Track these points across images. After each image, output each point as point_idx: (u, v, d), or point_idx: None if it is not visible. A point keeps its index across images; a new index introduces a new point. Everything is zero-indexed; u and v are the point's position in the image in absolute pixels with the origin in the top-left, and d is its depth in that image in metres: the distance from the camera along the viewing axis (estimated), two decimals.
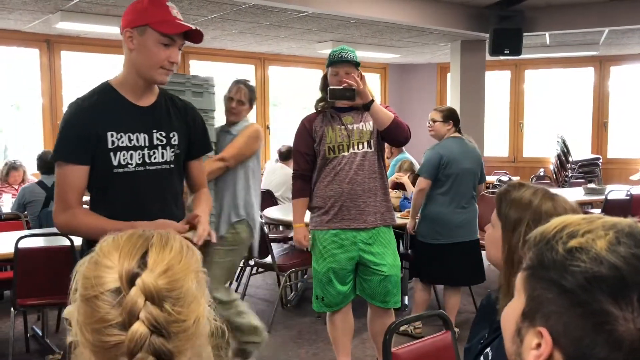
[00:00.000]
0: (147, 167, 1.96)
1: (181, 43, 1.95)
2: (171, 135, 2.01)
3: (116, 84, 1.97)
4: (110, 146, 1.90)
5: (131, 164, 1.93)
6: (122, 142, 1.91)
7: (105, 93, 1.96)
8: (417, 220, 3.96)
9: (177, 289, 0.87)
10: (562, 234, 0.71)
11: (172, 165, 2.02)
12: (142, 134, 1.95)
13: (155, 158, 1.97)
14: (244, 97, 3.45)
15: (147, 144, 1.95)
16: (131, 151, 1.93)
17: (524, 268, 0.75)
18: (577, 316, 0.66)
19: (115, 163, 1.90)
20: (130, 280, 0.85)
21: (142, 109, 1.97)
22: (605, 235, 0.68)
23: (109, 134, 1.90)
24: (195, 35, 1.94)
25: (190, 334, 0.87)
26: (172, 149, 2.01)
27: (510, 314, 0.77)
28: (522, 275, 0.75)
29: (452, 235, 3.86)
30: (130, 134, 1.93)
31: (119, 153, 1.91)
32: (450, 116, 3.98)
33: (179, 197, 2.10)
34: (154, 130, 1.98)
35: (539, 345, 0.70)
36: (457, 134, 3.97)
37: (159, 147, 1.98)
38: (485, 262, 3.67)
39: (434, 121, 3.99)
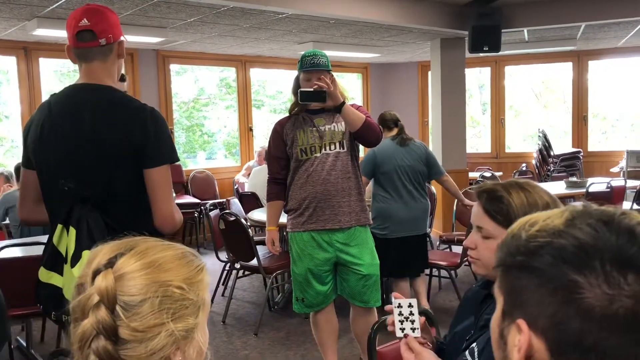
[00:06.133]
0: None
1: None
2: None
3: None
4: None
5: None
6: None
7: None
8: None
9: (132, 296, 0.87)
10: (526, 225, 0.73)
11: None
12: None
13: None
14: None
15: None
16: None
17: (495, 267, 0.76)
18: (547, 293, 0.67)
19: None
20: (94, 276, 0.88)
21: None
22: (562, 215, 0.71)
23: None
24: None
25: (148, 348, 0.86)
26: None
27: (494, 321, 0.78)
28: (497, 276, 0.76)
29: (398, 230, 4.11)
30: None
31: None
32: (381, 123, 4.25)
33: None
34: None
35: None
36: (394, 134, 4.23)
37: None
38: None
39: None
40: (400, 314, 1.46)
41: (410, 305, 1.46)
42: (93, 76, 1.95)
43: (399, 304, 1.47)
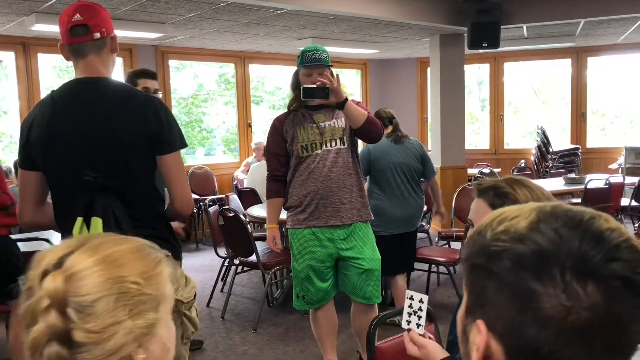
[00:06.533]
0: None
1: None
2: None
3: None
4: None
5: None
6: None
7: None
8: None
9: (84, 296, 0.82)
10: (494, 222, 0.71)
11: None
12: None
13: None
14: None
15: None
16: None
17: (462, 262, 0.75)
18: (506, 299, 0.66)
19: None
20: (42, 278, 0.83)
21: None
22: (529, 215, 0.68)
23: None
24: None
25: (106, 349, 0.82)
26: None
27: (459, 315, 0.77)
28: (464, 270, 0.75)
29: (392, 227, 4.11)
30: None
31: None
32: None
33: None
34: None
35: None
36: (389, 132, 4.20)
37: None
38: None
39: None
40: (410, 306, 1.48)
41: (420, 301, 1.49)
42: (92, 70, 1.97)
43: (411, 296, 1.49)
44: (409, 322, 1.47)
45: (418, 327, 1.47)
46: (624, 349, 0.65)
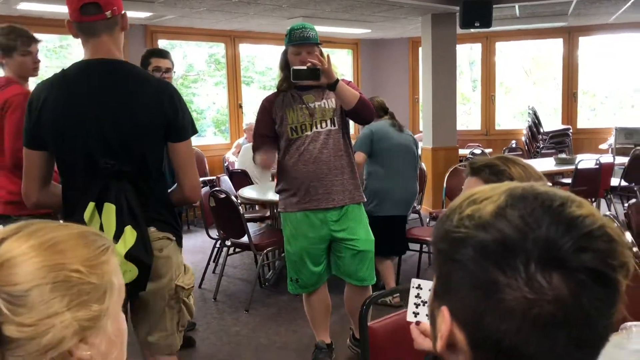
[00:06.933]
0: None
1: None
2: None
3: None
4: None
5: None
6: None
7: None
8: None
9: (16, 285, 0.74)
10: (464, 203, 0.67)
11: None
12: None
13: None
14: None
15: None
16: None
17: (430, 243, 0.72)
18: (468, 288, 0.63)
19: None
20: None
21: None
22: (498, 199, 0.64)
23: None
24: None
25: (42, 344, 0.75)
26: None
27: (430, 297, 0.75)
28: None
29: (391, 208, 4.16)
30: None
31: None
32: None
33: None
34: None
35: None
36: (388, 119, 4.27)
37: None
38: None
39: None
40: (418, 296, 1.35)
41: (431, 290, 1.36)
42: (104, 51, 1.93)
43: (419, 285, 1.36)
44: (416, 313, 1.33)
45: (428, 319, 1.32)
46: (593, 342, 0.62)
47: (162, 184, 2.06)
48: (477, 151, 7.64)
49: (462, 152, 7.58)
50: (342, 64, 9.42)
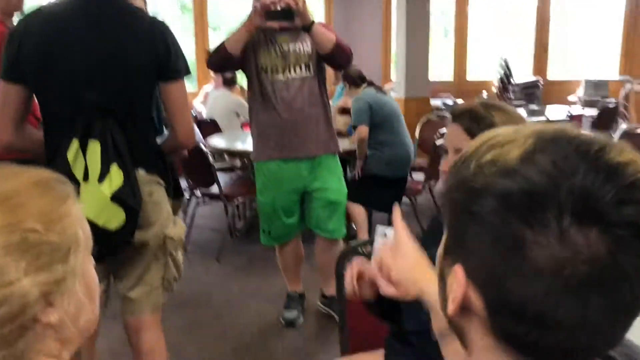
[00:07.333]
0: None
1: None
2: None
3: None
4: None
5: None
6: None
7: None
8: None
9: None
10: (483, 147, 0.59)
11: None
12: None
13: None
14: None
15: None
16: None
17: (442, 194, 0.64)
18: (488, 245, 0.55)
19: None
20: None
21: None
22: (524, 142, 0.56)
23: None
24: None
25: (1, 315, 0.68)
26: None
27: (438, 256, 0.66)
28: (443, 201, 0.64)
29: (405, 169, 4.25)
30: None
31: None
32: (348, 80, 4.35)
33: None
34: None
35: None
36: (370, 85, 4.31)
37: None
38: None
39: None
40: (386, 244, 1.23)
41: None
42: None
43: (385, 233, 1.26)
44: None
45: None
46: (630, 308, 0.55)
47: (150, 128, 1.94)
48: (449, 101, 7.62)
49: (433, 102, 7.55)
50: (313, 13, 9.17)
